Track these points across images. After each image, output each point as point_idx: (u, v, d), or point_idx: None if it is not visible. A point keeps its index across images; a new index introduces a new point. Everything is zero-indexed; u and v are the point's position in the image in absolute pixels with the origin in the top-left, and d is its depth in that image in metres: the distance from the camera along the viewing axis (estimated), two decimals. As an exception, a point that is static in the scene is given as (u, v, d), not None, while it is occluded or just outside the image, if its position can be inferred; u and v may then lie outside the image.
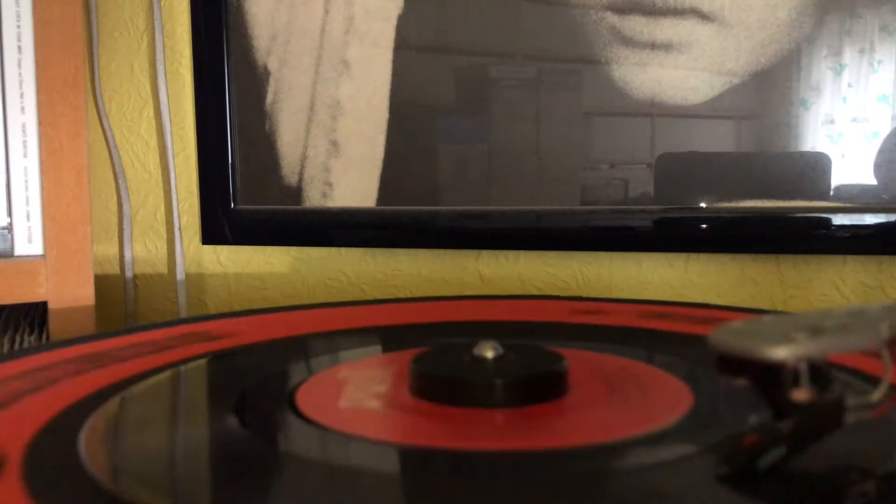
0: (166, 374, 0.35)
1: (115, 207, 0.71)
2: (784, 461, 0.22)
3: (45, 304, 0.55)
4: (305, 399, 0.31)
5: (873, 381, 0.32)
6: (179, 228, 0.69)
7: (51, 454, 0.25)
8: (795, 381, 0.21)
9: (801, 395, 0.21)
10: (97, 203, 0.70)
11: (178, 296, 0.69)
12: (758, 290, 0.59)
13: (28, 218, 0.55)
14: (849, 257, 0.57)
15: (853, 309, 0.23)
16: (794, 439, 0.22)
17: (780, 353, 0.21)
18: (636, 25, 0.57)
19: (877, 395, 0.23)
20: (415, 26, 0.62)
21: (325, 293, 0.68)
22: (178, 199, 0.69)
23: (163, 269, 0.71)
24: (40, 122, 0.54)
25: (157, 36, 0.67)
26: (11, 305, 0.61)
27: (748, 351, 0.21)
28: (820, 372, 0.21)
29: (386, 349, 0.41)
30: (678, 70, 0.57)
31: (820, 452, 0.23)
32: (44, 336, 0.55)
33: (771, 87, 0.55)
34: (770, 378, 0.21)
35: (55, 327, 0.54)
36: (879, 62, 0.54)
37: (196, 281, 0.70)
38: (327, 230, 0.65)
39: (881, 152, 0.53)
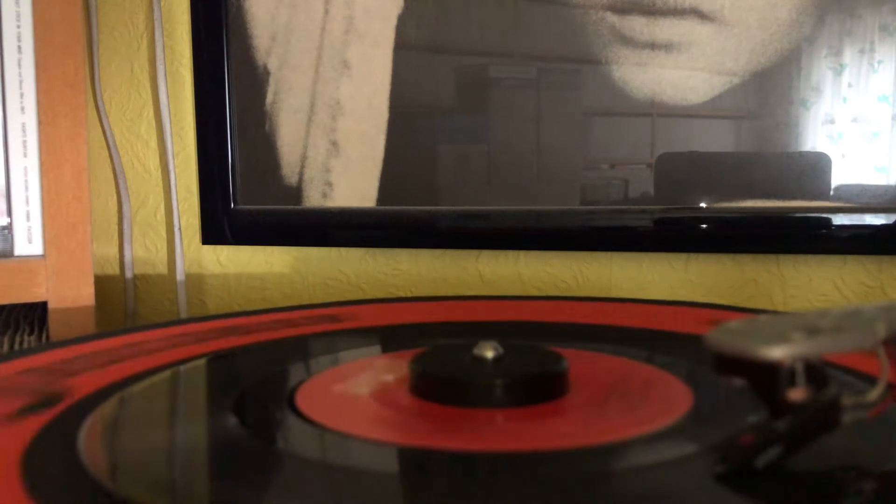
0: (166, 373, 0.36)
1: (115, 207, 0.71)
2: (781, 461, 0.22)
3: (45, 304, 0.55)
4: (305, 399, 0.31)
5: (871, 380, 0.32)
6: (179, 228, 0.69)
7: (51, 454, 0.25)
8: (792, 381, 0.21)
9: (797, 394, 0.21)
10: (97, 203, 0.71)
11: (178, 296, 0.69)
12: (758, 290, 0.59)
13: (28, 218, 0.55)
14: (849, 257, 0.57)
15: (850, 309, 0.23)
16: (791, 439, 0.22)
17: (777, 352, 0.21)
18: (636, 25, 0.57)
19: (874, 394, 0.23)
20: (415, 26, 0.62)
21: (325, 293, 0.68)
22: (178, 199, 0.69)
23: (163, 269, 0.71)
24: (40, 122, 0.54)
25: (157, 36, 0.67)
26: (11, 305, 0.61)
27: (745, 351, 0.21)
28: (816, 372, 0.22)
29: (386, 349, 0.41)
30: (678, 70, 0.57)
31: (817, 452, 0.23)
32: (44, 336, 0.55)
33: (771, 87, 0.55)
34: (766, 378, 0.21)
35: (55, 327, 0.54)
36: (879, 62, 0.54)
37: (196, 281, 0.70)
38: (327, 230, 0.65)
39: None
